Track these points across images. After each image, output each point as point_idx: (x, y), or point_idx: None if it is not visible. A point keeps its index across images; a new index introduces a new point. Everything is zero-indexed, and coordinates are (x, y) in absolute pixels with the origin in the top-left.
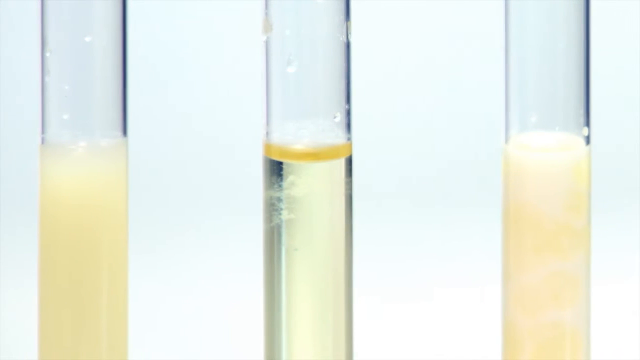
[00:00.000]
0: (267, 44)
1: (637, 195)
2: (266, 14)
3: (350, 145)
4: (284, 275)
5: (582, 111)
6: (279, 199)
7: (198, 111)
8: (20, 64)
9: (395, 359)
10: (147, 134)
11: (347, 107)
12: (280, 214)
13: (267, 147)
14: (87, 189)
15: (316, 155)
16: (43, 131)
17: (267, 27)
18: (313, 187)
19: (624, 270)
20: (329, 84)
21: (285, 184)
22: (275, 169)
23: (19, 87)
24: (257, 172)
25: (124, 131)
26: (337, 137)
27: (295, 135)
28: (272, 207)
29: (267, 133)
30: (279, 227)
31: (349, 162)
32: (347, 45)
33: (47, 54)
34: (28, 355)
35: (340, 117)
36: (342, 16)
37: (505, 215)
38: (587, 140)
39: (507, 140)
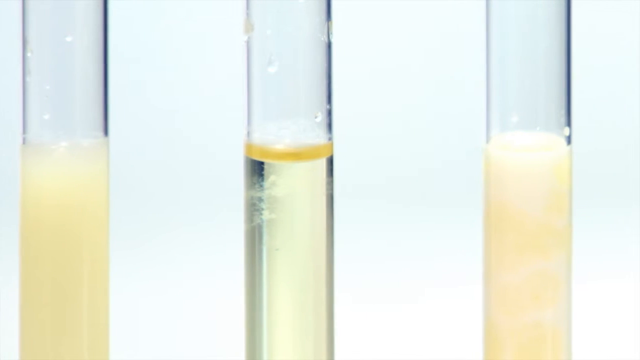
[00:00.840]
0: (248, 43)
1: (618, 195)
2: (247, 14)
3: (332, 145)
4: (265, 275)
5: (563, 111)
6: (260, 199)
7: (179, 111)
8: (1, 64)
9: (376, 359)
10: (128, 134)
11: (328, 107)
12: (261, 214)
13: (248, 147)
14: (68, 189)
15: (297, 155)
16: (24, 131)
17: (248, 27)
18: (294, 187)
19: (605, 269)
20: (310, 83)
21: (266, 184)
22: (257, 169)
23: None
24: (238, 172)
25: (105, 131)
26: (318, 137)
27: (277, 135)
28: (253, 207)
29: (248, 133)
30: (260, 227)
31: (330, 162)
32: (328, 45)
33: (28, 54)
34: (9, 355)
35: (321, 117)
36: (323, 16)
37: (486, 215)
38: (568, 140)
39: (488, 140)
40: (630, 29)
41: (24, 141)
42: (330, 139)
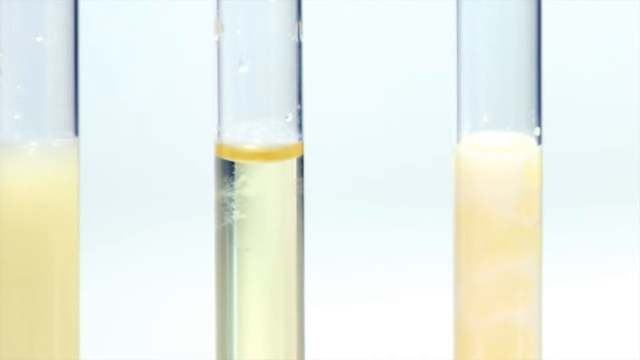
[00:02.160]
0: (218, 44)
1: (588, 195)
2: (218, 14)
3: (302, 145)
4: (235, 275)
5: (533, 111)
6: (231, 199)
7: (149, 111)
8: None
9: (347, 359)
10: (99, 134)
11: (298, 107)
12: (231, 214)
13: (219, 147)
14: (38, 189)
15: (268, 155)
16: None
17: (219, 27)
18: (265, 187)
19: (575, 269)
20: (280, 84)
21: (236, 184)
22: (227, 169)
23: None
24: (209, 172)
25: (76, 131)
26: (288, 137)
27: (247, 135)
28: (223, 207)
29: (219, 133)
30: (230, 227)
31: (301, 162)
32: (299, 45)
33: None
34: None
35: (292, 117)
36: (294, 16)
37: (457, 215)
38: (539, 140)
39: (458, 140)
40: (601, 29)
41: None
42: (300, 139)
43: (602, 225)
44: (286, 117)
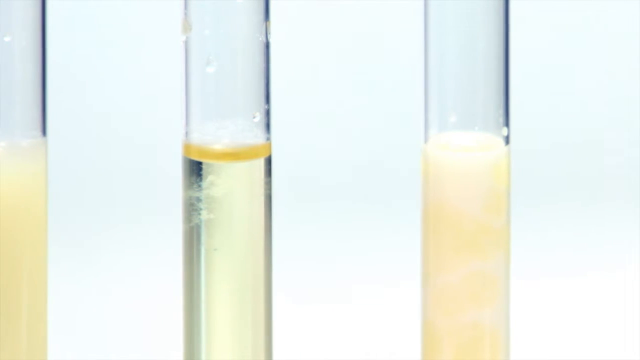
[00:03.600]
0: (186, 44)
1: (555, 194)
2: (185, 14)
3: (270, 145)
4: (203, 275)
5: (501, 111)
6: (199, 199)
7: (117, 111)
8: None
9: (315, 359)
10: (67, 134)
11: (266, 107)
12: (199, 214)
13: (187, 147)
14: (6, 189)
15: (235, 155)
16: None
17: (187, 27)
18: (232, 187)
19: (542, 269)
20: (248, 84)
21: (204, 184)
22: (195, 169)
23: None
24: (177, 172)
25: (44, 131)
26: (256, 137)
27: (215, 135)
28: (191, 207)
29: (187, 133)
30: (198, 227)
31: (268, 162)
32: (267, 46)
33: None
34: None
35: (259, 117)
36: (262, 16)
37: (425, 215)
38: (507, 140)
39: (426, 140)
40: (568, 29)
41: None
42: (268, 139)
43: (567, 224)
44: (254, 117)
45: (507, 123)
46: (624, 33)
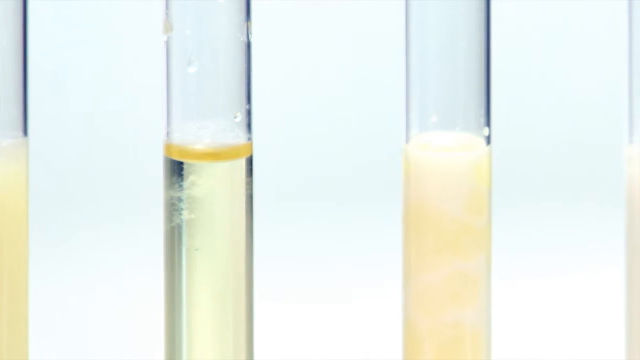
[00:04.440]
0: (167, 44)
1: (537, 194)
2: (166, 14)
3: (251, 145)
4: (184, 275)
5: (482, 111)
6: (180, 199)
7: (98, 111)
8: None
9: (296, 359)
10: (48, 133)
11: (247, 107)
12: (180, 214)
13: (168, 147)
14: None
15: (217, 155)
16: None
17: (168, 27)
18: (213, 187)
19: (523, 269)
20: (229, 84)
21: (185, 184)
22: (176, 169)
23: None
24: (158, 172)
25: (25, 131)
26: (237, 137)
27: (196, 135)
28: (172, 207)
29: (168, 133)
30: (179, 227)
31: (250, 162)
32: (248, 45)
33: None
34: None
35: (240, 117)
36: (243, 16)
37: (406, 215)
38: (488, 140)
39: (407, 140)
40: (549, 29)
41: None
42: (249, 139)
43: (549, 225)
44: (235, 117)
45: (488, 123)
46: (604, 33)
